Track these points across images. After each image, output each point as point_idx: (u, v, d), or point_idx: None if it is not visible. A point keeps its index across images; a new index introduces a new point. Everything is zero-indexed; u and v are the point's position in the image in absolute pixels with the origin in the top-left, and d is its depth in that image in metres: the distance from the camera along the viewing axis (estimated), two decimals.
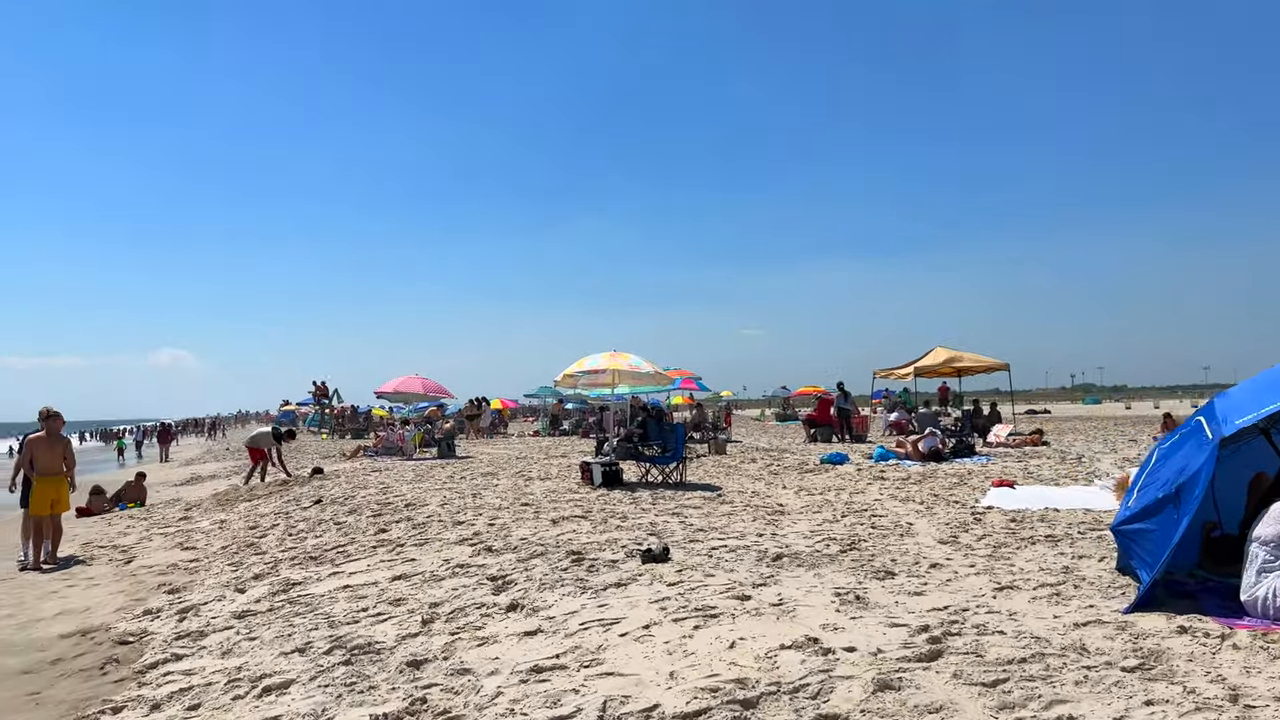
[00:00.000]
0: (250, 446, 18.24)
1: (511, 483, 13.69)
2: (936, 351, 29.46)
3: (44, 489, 11.00)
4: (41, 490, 10.98)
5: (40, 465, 11.02)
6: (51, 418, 11.23)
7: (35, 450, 11.03)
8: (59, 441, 11.33)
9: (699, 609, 5.50)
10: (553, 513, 10.06)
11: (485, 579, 6.93)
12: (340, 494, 13.45)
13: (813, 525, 8.85)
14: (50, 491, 11.05)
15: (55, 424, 11.21)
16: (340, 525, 10.57)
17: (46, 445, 11.14)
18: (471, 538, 8.72)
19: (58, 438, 11.30)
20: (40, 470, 11.02)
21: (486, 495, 11.98)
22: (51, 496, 11.04)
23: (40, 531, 10.92)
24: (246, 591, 7.81)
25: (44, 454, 11.10)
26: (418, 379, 21.20)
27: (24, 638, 7.36)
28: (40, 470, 11.02)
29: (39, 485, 10.99)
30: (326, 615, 6.49)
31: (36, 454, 11.03)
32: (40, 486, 10.99)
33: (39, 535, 10.92)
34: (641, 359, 13.21)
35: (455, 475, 15.67)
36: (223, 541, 10.87)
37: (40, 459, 11.04)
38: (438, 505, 11.21)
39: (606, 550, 7.61)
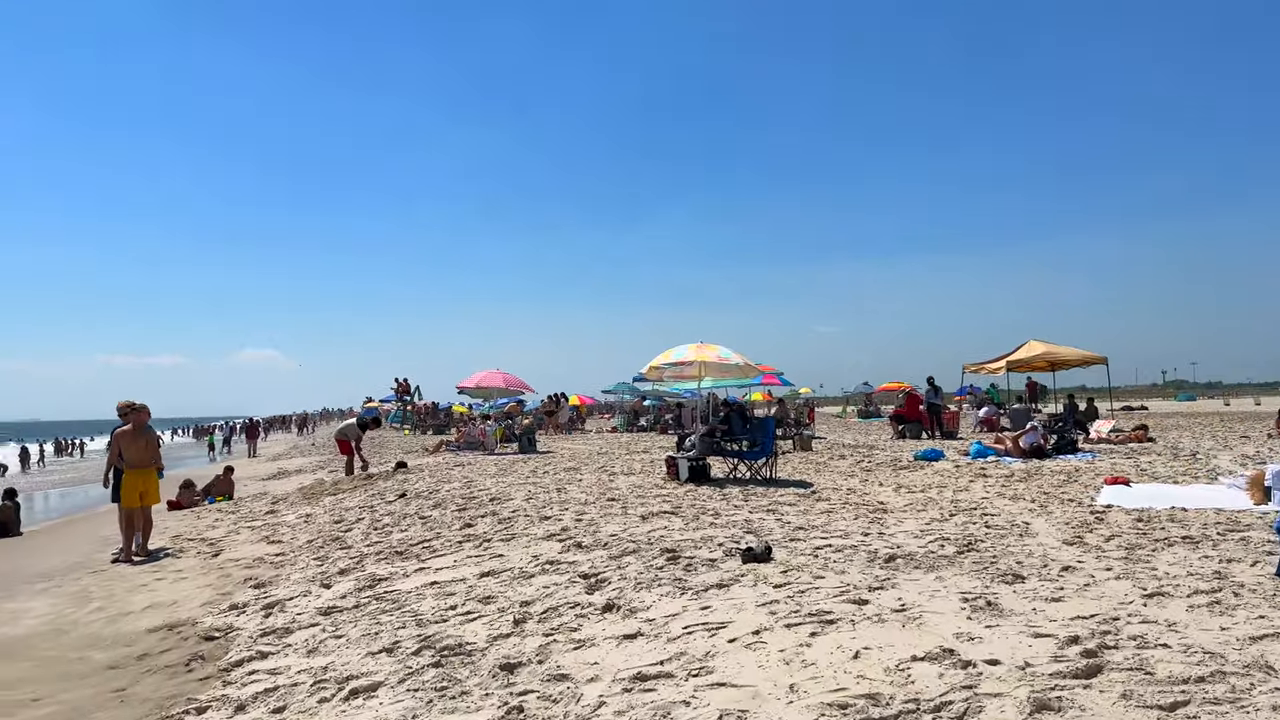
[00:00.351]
0: (339, 439, 18.28)
1: (595, 478, 13.37)
2: (1030, 345, 28.30)
3: (133, 481, 11.07)
4: (130, 483, 11.05)
5: (129, 458, 11.10)
6: (137, 410, 11.29)
7: (123, 443, 11.11)
8: (146, 434, 11.39)
9: (813, 614, 5.04)
10: (641, 508, 9.68)
11: (577, 577, 6.58)
12: (424, 488, 13.30)
13: (921, 524, 8.29)
14: (139, 484, 11.11)
15: (141, 417, 11.27)
16: (425, 520, 10.37)
17: (133, 438, 11.21)
18: (559, 533, 8.40)
19: (144, 430, 11.36)
20: (129, 463, 11.09)
21: (571, 490, 11.67)
22: (140, 489, 11.10)
23: (131, 523, 10.99)
24: (332, 587, 7.61)
25: (131, 447, 11.17)
26: (499, 374, 21.09)
27: (112, 631, 7.28)
28: (129, 463, 11.09)
29: (128, 477, 11.07)
30: (414, 613, 6.22)
31: (124, 447, 11.10)
32: (129, 479, 11.07)
33: (130, 527, 10.98)
34: (730, 350, 12.76)
35: (538, 470, 15.44)
36: (308, 535, 10.78)
37: (129, 451, 11.11)
38: (523, 500, 10.94)
39: (703, 548, 7.19)
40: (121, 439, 11.12)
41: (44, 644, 7.13)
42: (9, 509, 16.15)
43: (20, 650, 7.01)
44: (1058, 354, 28.50)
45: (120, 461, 11.10)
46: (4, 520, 15.98)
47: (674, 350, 12.87)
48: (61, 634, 7.41)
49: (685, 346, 12.78)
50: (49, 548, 13.40)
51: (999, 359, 29.06)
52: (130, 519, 10.98)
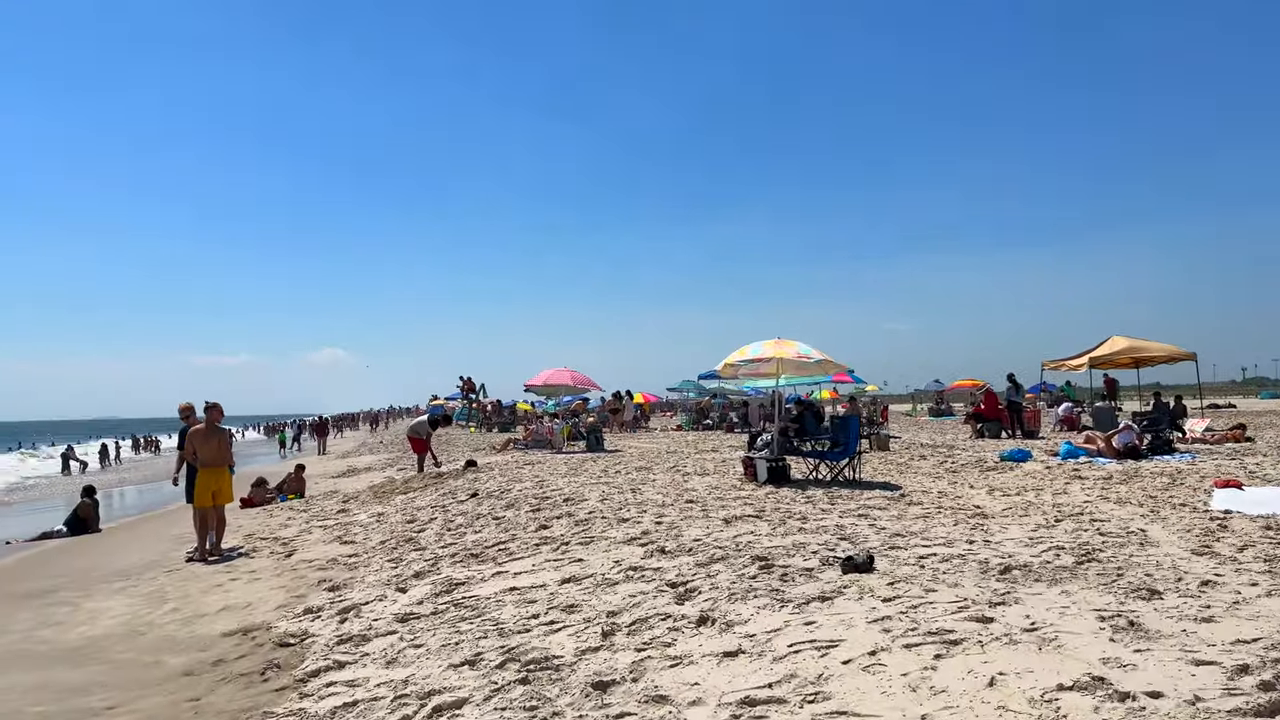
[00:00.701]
0: (411, 437, 18.20)
1: (669, 478, 13.00)
2: (1113, 340, 27.21)
3: (206, 480, 11.00)
4: (204, 481, 10.98)
5: (202, 456, 11.03)
6: (210, 409, 11.22)
7: (196, 442, 11.04)
8: (219, 432, 11.32)
9: (933, 632, 4.59)
10: (722, 511, 9.27)
11: (664, 585, 6.20)
12: (495, 487, 13.07)
13: (1027, 531, 7.74)
14: (212, 482, 11.04)
15: (215, 414, 11.20)
16: (499, 520, 10.11)
17: (206, 437, 11.14)
18: (640, 537, 8.04)
19: (217, 429, 11.30)
20: (203, 461, 11.03)
21: (646, 491, 11.31)
22: (213, 487, 11.04)
23: (205, 522, 10.92)
24: (408, 591, 7.36)
25: (205, 445, 11.10)
26: (567, 371, 20.85)
27: (187, 634, 7.12)
28: (203, 461, 11.03)
29: (201, 476, 11.00)
30: (495, 621, 5.91)
31: (198, 445, 11.03)
32: (202, 478, 11.00)
33: (204, 526, 10.92)
34: (810, 346, 12.26)
35: (609, 469, 15.12)
36: (381, 536, 10.59)
37: (202, 450, 11.04)
38: (598, 500, 10.61)
39: (796, 556, 6.76)
40: (195, 438, 11.06)
41: (120, 646, 7.01)
42: (88, 506, 16.38)
43: (97, 652, 6.89)
44: (1143, 350, 27.36)
45: (194, 460, 11.05)
46: (84, 517, 16.20)
47: (750, 347, 12.43)
48: (137, 635, 7.29)
49: (762, 343, 12.33)
50: (126, 545, 13.49)
51: (1080, 355, 27.98)
52: (204, 518, 10.92)
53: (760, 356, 12.14)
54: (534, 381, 21.65)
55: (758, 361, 12.32)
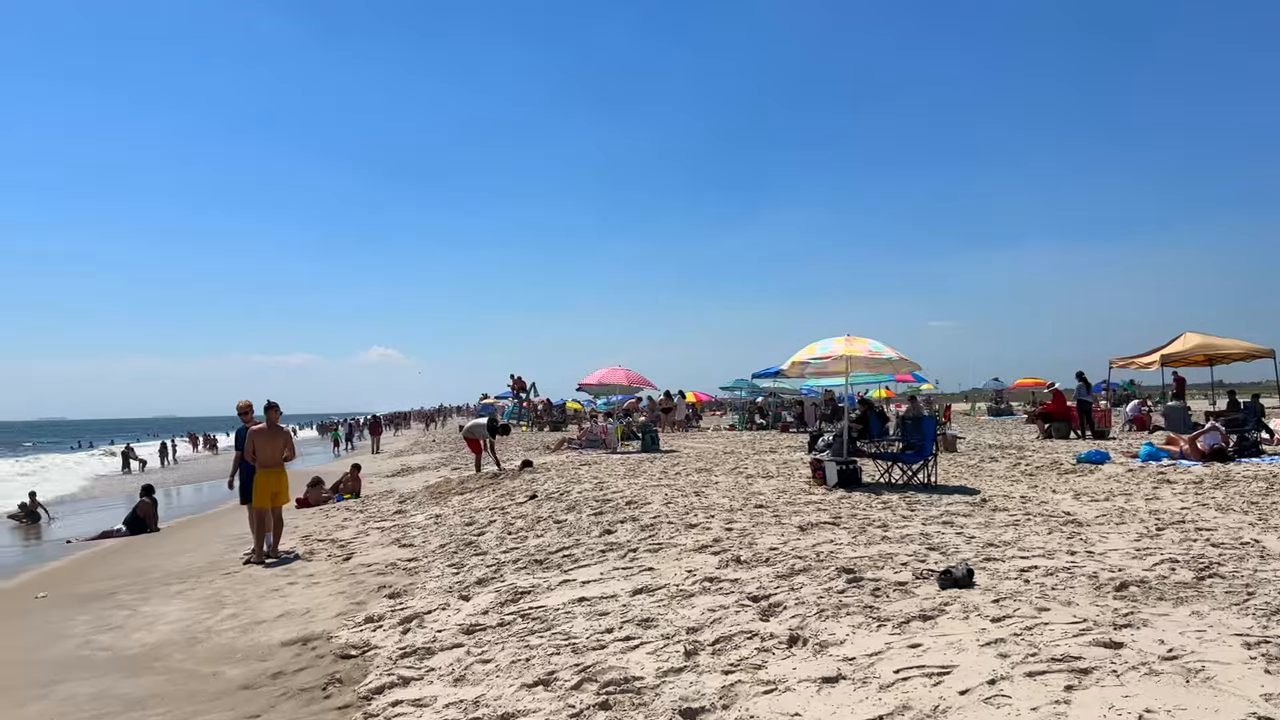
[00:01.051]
0: (467, 438, 17.99)
1: (732, 480, 12.59)
2: (1186, 337, 26.16)
3: (265, 481, 10.85)
4: (263, 482, 10.83)
5: (262, 457, 10.87)
6: (269, 409, 11.07)
7: (257, 441, 10.89)
8: (280, 433, 11.16)
9: (1057, 658, 4.14)
10: (795, 517, 8.84)
11: (745, 599, 5.81)
12: (554, 489, 12.77)
13: (1129, 541, 7.20)
14: (271, 483, 10.89)
15: (274, 414, 11.04)
16: (561, 524, 9.79)
17: (268, 437, 10.98)
18: (711, 544, 7.64)
19: (278, 429, 11.14)
20: (262, 462, 10.87)
21: (711, 494, 10.91)
22: (272, 489, 10.88)
23: (263, 524, 10.76)
24: (471, 599, 7.06)
25: (265, 445, 10.94)
26: (621, 370, 20.52)
27: (245, 643, 6.89)
28: (262, 462, 10.87)
29: (260, 477, 10.85)
30: (566, 635, 5.57)
31: (258, 445, 10.88)
32: (261, 479, 10.84)
33: (261, 528, 10.76)
34: (882, 344, 11.76)
35: (667, 470, 14.74)
36: (440, 539, 10.33)
37: (262, 451, 10.89)
38: (662, 504, 10.24)
39: (885, 568, 6.31)
40: (256, 437, 10.89)
41: (177, 654, 6.80)
42: (147, 505, 16.42)
43: (155, 661, 6.69)
44: (1217, 347, 26.26)
45: (253, 460, 10.89)
46: (143, 516, 16.24)
47: (819, 344, 11.96)
48: (195, 643, 7.08)
49: (832, 340, 11.85)
50: (184, 545, 13.43)
51: (1151, 352, 26.98)
52: (262, 519, 10.76)
53: (829, 354, 11.67)
54: (588, 380, 21.36)
55: (826, 359, 11.86)
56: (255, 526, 10.74)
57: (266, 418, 10.99)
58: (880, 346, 11.68)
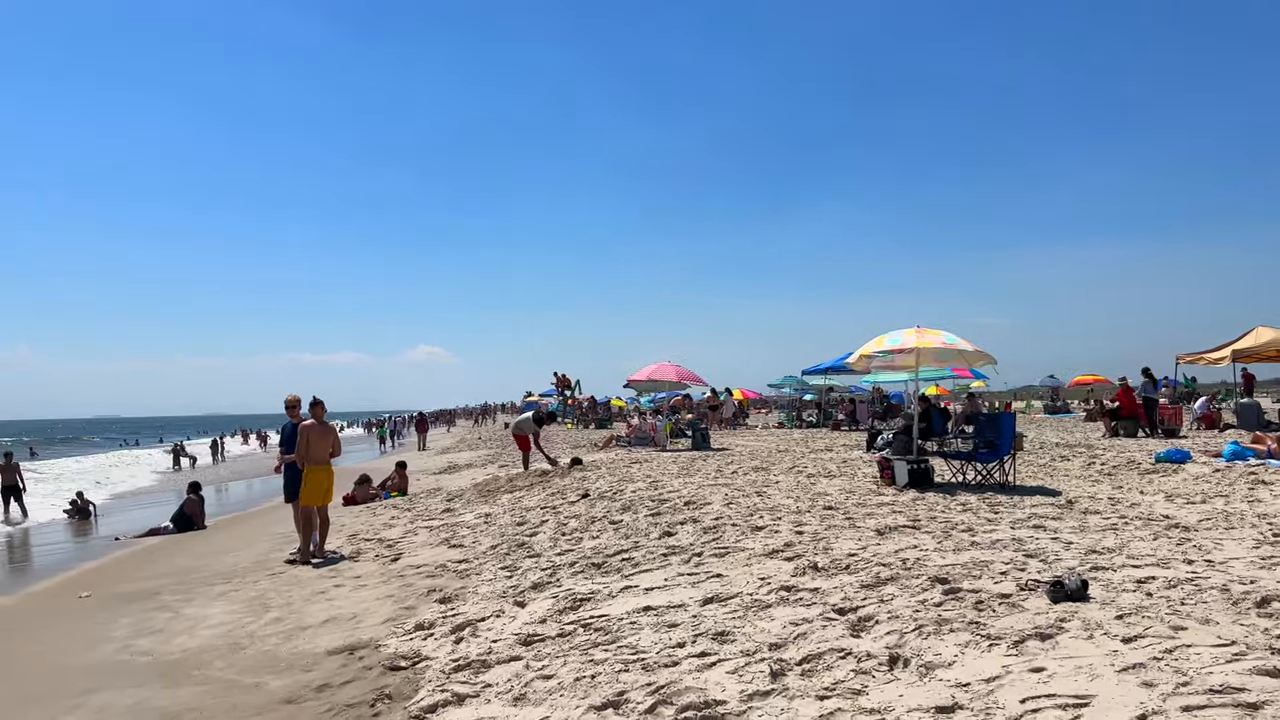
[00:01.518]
0: (515, 435, 17.57)
1: (793, 479, 12.02)
2: (1258, 331, 25.06)
3: (316, 478, 10.52)
4: (314, 479, 10.50)
5: (313, 454, 10.55)
6: (315, 405, 10.74)
7: (310, 437, 10.55)
8: (328, 429, 10.83)
9: (1215, 690, 3.55)
10: (870, 520, 8.27)
11: (831, 611, 5.27)
12: (607, 487, 12.30)
13: (1248, 549, 6.54)
14: (322, 480, 10.58)
15: (319, 411, 10.73)
16: (617, 525, 9.31)
17: (319, 433, 10.65)
18: (783, 549, 7.11)
19: (326, 426, 10.82)
20: (313, 459, 10.55)
21: (774, 494, 10.36)
22: (323, 486, 10.57)
23: (310, 523, 10.43)
24: (527, 605, 6.61)
25: (318, 441, 10.62)
26: (671, 366, 20.01)
27: (289, 651, 6.49)
28: (313, 459, 10.55)
29: (311, 475, 10.52)
30: (633, 649, 5.08)
31: (310, 441, 10.54)
32: (312, 476, 10.51)
33: (308, 527, 10.43)
34: (955, 336, 11.10)
35: (722, 469, 14.21)
36: (491, 539, 9.91)
37: (314, 448, 10.56)
38: (722, 505, 9.71)
39: (983, 578, 5.73)
40: (309, 434, 10.55)
41: (219, 662, 6.43)
42: (194, 502, 16.26)
43: (195, 668, 6.32)
44: None
45: (304, 457, 10.56)
46: (190, 514, 16.08)
47: (888, 337, 11.33)
48: (237, 649, 6.71)
49: (902, 332, 11.22)
50: (230, 544, 13.19)
51: (1221, 348, 25.91)
52: (309, 518, 10.43)
53: (899, 347, 11.04)
54: (637, 376, 20.87)
55: (896, 352, 11.23)
56: (302, 525, 10.41)
57: (312, 414, 10.67)
58: (954, 338, 11.02)
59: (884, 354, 11.43)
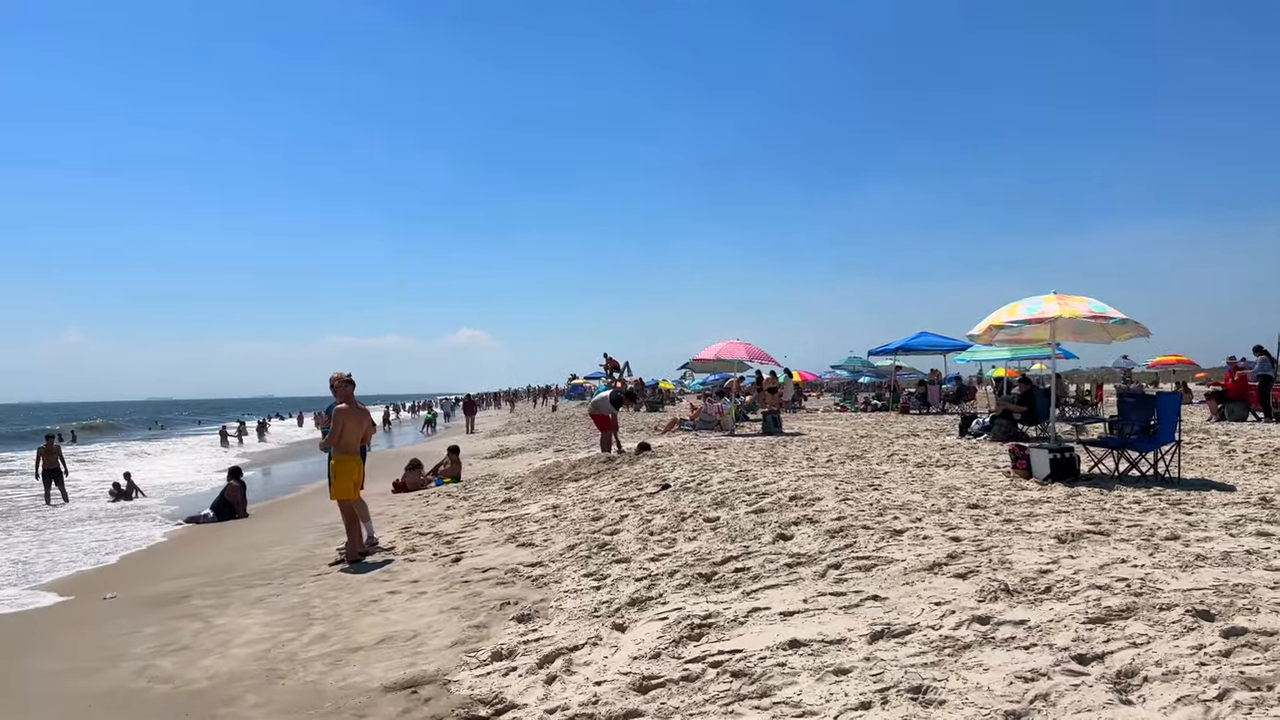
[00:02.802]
0: (593, 415, 16.24)
1: (904, 470, 10.53)
2: None
3: (349, 468, 9.24)
4: (345, 470, 9.22)
5: (348, 439, 9.26)
6: (345, 383, 9.37)
7: (347, 422, 9.26)
8: (364, 413, 9.54)
9: None
10: (1035, 523, 6.79)
11: (1069, 660, 3.85)
12: (688, 477, 10.93)
13: None
14: (355, 470, 9.31)
15: (350, 389, 9.38)
16: (714, 524, 7.95)
17: (356, 417, 9.37)
18: (947, 562, 5.69)
19: (362, 409, 9.53)
20: (346, 446, 9.26)
21: (893, 489, 8.89)
22: (355, 477, 9.32)
23: (355, 518, 9.20)
24: (628, 629, 5.29)
25: (354, 426, 9.34)
26: (741, 344, 18.58)
27: (338, 683, 5.22)
28: (346, 446, 9.26)
29: (342, 465, 9.21)
30: (797, 708, 3.73)
31: (347, 426, 9.26)
32: (344, 466, 9.22)
33: (355, 522, 9.20)
34: (1104, 303, 9.51)
35: (812, 457, 12.76)
36: (565, 537, 8.61)
37: (350, 432, 9.28)
38: (837, 500, 8.29)
39: (1261, 612, 4.25)
40: (346, 418, 9.27)
41: (251, 696, 5.19)
42: (235, 489, 15.21)
43: (221, 704, 5.10)
44: None
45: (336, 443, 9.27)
46: (231, 501, 15.04)
47: (1023, 304, 9.78)
48: (274, 678, 5.47)
49: (1040, 299, 9.67)
50: (271, 535, 12.08)
51: None
52: (353, 513, 9.18)
53: (1038, 316, 9.50)
54: (704, 355, 19.47)
55: (1032, 322, 9.69)
56: (350, 522, 9.17)
57: (341, 394, 9.29)
58: (1102, 306, 9.44)
59: (1017, 324, 9.89)
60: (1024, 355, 19.63)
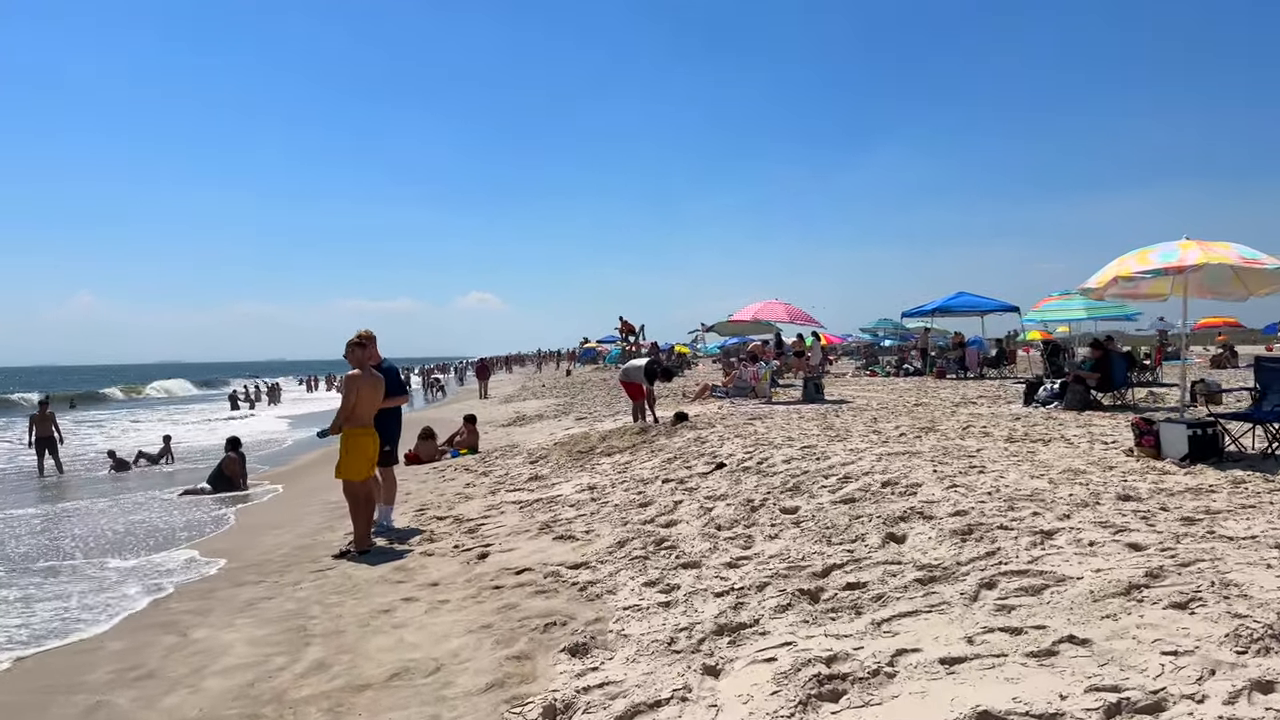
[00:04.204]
0: (624, 382, 14.88)
1: (997, 447, 9.09)
2: None
3: (362, 445, 7.88)
4: (359, 447, 7.86)
5: (362, 411, 7.90)
6: (362, 344, 8.00)
7: (362, 390, 7.88)
8: (380, 382, 8.16)
9: None
10: (1227, 522, 5.38)
11: None
12: (742, 454, 9.53)
13: None
14: (369, 447, 7.96)
15: (359, 353, 8.00)
16: (794, 515, 6.56)
17: (372, 386, 8.00)
18: (1146, 582, 4.24)
19: (378, 377, 8.15)
20: (360, 419, 7.90)
21: (1002, 472, 7.45)
22: (370, 454, 7.98)
23: (360, 504, 7.86)
24: (723, 675, 3.94)
25: (371, 395, 7.98)
26: (780, 304, 17.10)
27: None
28: (360, 419, 7.90)
29: (355, 440, 7.83)
30: None
31: (362, 395, 7.89)
32: (357, 442, 7.85)
33: (361, 508, 7.86)
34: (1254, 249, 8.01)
35: (879, 429, 11.34)
36: (611, 529, 7.24)
37: (365, 402, 7.92)
38: (941, 488, 6.86)
39: None
40: (363, 386, 7.89)
41: None
42: (234, 461, 13.91)
43: None
44: None
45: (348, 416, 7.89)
46: (229, 474, 13.76)
47: (1155, 250, 8.28)
48: None
49: (1175, 246, 8.18)
50: (271, 516, 10.79)
51: None
52: (360, 499, 7.84)
53: (1175, 264, 8.02)
54: (740, 316, 18.03)
55: (1169, 271, 8.21)
56: (357, 510, 7.84)
57: (355, 358, 7.92)
58: (1253, 252, 7.95)
59: (1148, 274, 8.42)
60: (1101, 315, 18.07)
